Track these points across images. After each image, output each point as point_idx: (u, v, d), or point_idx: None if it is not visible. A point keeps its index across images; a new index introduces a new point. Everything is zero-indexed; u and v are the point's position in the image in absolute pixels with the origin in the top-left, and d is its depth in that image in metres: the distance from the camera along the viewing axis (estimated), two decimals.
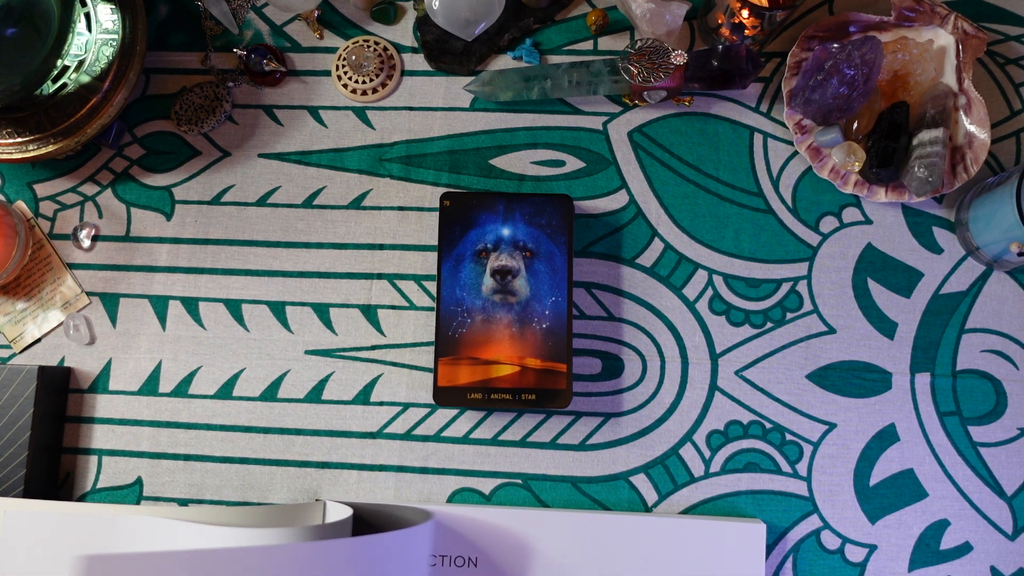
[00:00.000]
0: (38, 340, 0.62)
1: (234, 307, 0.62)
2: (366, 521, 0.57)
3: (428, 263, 0.63)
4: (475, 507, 0.58)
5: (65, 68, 0.60)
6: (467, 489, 0.59)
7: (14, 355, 0.62)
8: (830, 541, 0.58)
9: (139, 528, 0.52)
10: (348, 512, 0.53)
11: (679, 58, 0.60)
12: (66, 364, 0.62)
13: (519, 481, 0.60)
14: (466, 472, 0.60)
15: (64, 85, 0.60)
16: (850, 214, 0.62)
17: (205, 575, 0.47)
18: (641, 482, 0.59)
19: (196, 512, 0.56)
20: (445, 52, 0.65)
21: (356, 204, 0.64)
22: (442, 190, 0.63)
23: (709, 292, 0.61)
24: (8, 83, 0.55)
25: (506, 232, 0.59)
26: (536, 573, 0.56)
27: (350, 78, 0.64)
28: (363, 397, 0.61)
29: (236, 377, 0.61)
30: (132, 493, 0.60)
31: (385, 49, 0.65)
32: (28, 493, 0.57)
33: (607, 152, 0.64)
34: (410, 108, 0.65)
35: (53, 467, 0.60)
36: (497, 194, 0.60)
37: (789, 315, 0.61)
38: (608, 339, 0.61)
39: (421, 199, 0.63)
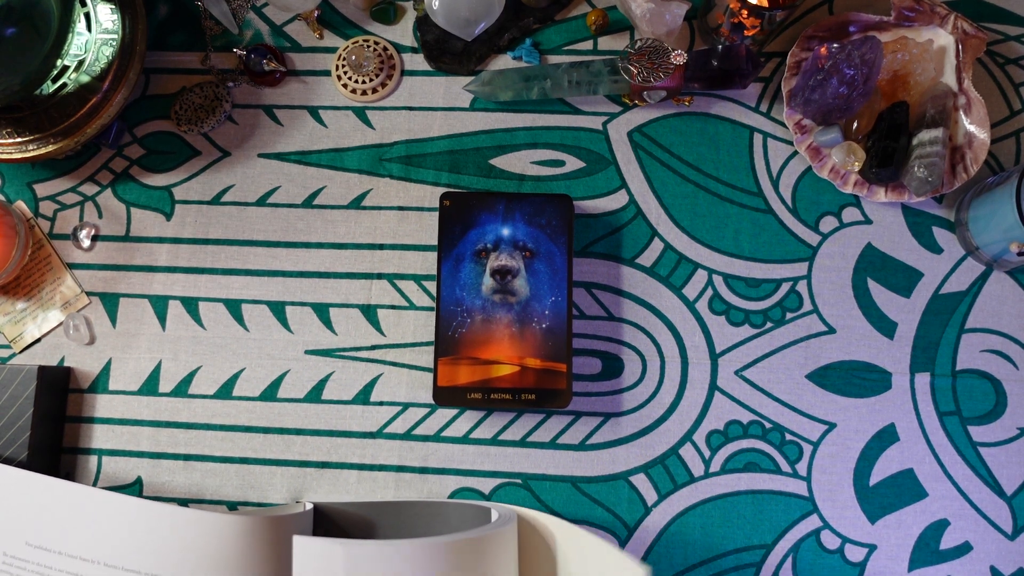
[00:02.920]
0: (38, 340, 0.62)
1: (234, 307, 0.62)
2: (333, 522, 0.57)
3: (428, 263, 0.63)
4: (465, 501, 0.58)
5: (65, 68, 0.60)
6: (467, 489, 0.59)
7: (14, 355, 0.62)
8: (830, 541, 0.58)
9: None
10: (309, 506, 0.55)
11: (679, 58, 0.60)
12: (66, 364, 0.62)
13: (519, 481, 0.60)
14: (466, 472, 0.60)
15: (64, 85, 0.60)
16: (850, 214, 0.62)
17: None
18: (641, 482, 0.59)
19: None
20: (445, 52, 0.65)
21: (356, 204, 0.64)
22: (442, 190, 0.63)
23: (709, 292, 0.61)
24: (8, 83, 0.55)
25: (506, 232, 0.59)
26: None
27: (350, 78, 0.64)
28: (363, 397, 0.61)
29: (236, 377, 0.61)
30: (132, 493, 0.60)
31: (385, 49, 0.65)
32: None
33: (607, 152, 0.64)
34: (410, 108, 0.65)
35: (53, 467, 0.60)
36: (497, 194, 0.60)
37: (789, 315, 0.61)
38: (608, 339, 0.61)
39: (421, 199, 0.63)
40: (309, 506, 0.56)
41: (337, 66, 0.65)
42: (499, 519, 0.50)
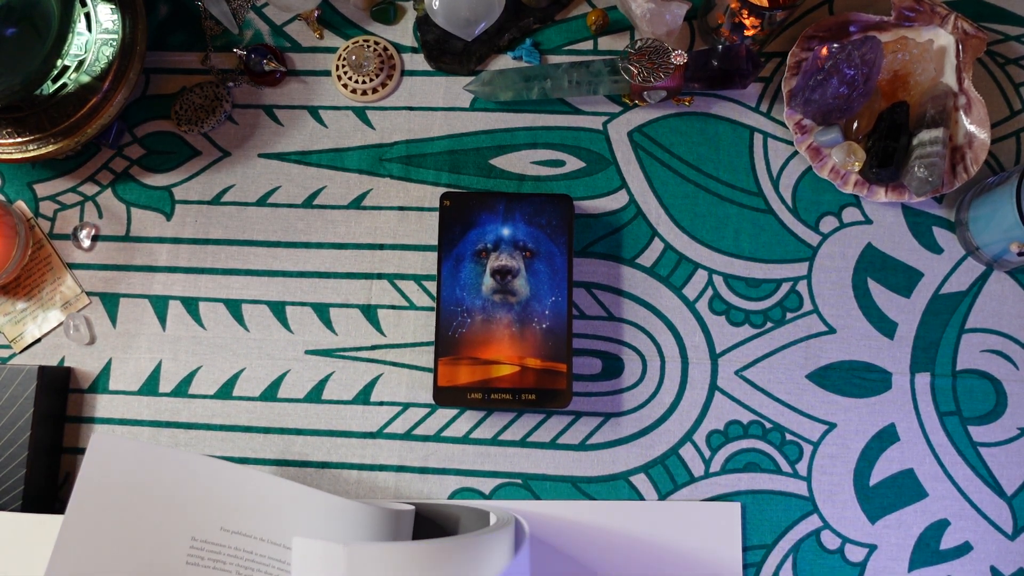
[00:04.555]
0: (38, 340, 0.62)
1: (234, 307, 0.62)
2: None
3: (428, 263, 0.63)
4: (466, 500, 0.58)
5: (65, 68, 0.60)
6: (467, 489, 0.59)
7: (14, 355, 0.62)
8: (830, 541, 0.58)
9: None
10: (411, 507, 0.54)
11: (679, 58, 0.60)
12: (66, 364, 0.62)
13: (519, 481, 0.60)
14: (466, 472, 0.60)
15: (64, 85, 0.60)
16: (850, 214, 0.62)
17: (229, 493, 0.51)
18: (641, 482, 0.59)
19: None
20: (445, 52, 0.65)
21: (356, 204, 0.64)
22: (442, 190, 0.63)
23: (709, 292, 0.61)
24: (8, 83, 0.55)
25: (506, 232, 0.59)
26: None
27: (350, 78, 0.64)
28: (363, 397, 0.61)
29: (236, 377, 0.61)
30: None
31: (385, 49, 0.65)
32: (28, 493, 0.57)
33: (607, 152, 0.64)
34: (410, 108, 0.65)
35: (53, 467, 0.60)
36: (497, 194, 0.60)
37: (789, 315, 0.61)
38: (608, 339, 0.61)
39: (421, 199, 0.63)
40: (411, 506, 0.56)
41: (337, 66, 0.65)
42: (498, 521, 0.51)
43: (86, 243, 0.63)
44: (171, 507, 0.52)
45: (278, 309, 0.62)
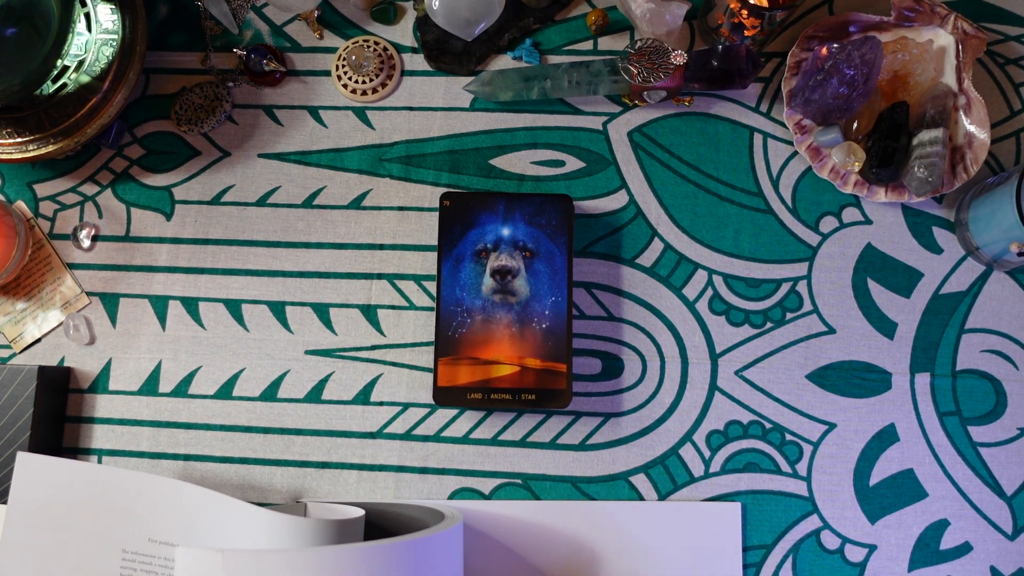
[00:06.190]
0: (38, 340, 0.62)
1: (234, 307, 0.62)
2: (371, 522, 0.57)
3: (428, 263, 0.63)
4: (466, 501, 0.58)
5: (65, 68, 0.60)
6: (467, 489, 0.59)
7: (14, 355, 0.62)
8: (830, 541, 0.58)
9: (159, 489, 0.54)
10: (360, 512, 0.54)
11: (679, 58, 0.60)
12: (66, 364, 0.62)
13: (519, 481, 0.60)
14: (466, 472, 0.60)
15: (64, 85, 0.60)
16: (850, 214, 0.62)
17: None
18: (641, 482, 0.59)
19: None
20: (445, 52, 0.65)
21: (356, 204, 0.64)
22: (442, 190, 0.63)
23: (709, 292, 0.61)
24: (8, 83, 0.55)
25: (506, 232, 0.59)
26: (521, 561, 0.56)
27: (350, 78, 0.64)
28: (363, 397, 0.61)
29: (236, 377, 0.61)
30: None
31: (385, 49, 0.65)
32: None
33: (607, 152, 0.64)
34: (410, 108, 0.65)
35: None
36: (497, 194, 0.60)
37: (789, 315, 0.61)
38: (608, 339, 0.61)
39: (421, 199, 0.63)
40: (361, 512, 0.55)
41: (337, 66, 0.65)
42: (429, 528, 0.50)
43: (86, 243, 0.63)
44: (100, 521, 0.53)
45: (278, 309, 0.62)
